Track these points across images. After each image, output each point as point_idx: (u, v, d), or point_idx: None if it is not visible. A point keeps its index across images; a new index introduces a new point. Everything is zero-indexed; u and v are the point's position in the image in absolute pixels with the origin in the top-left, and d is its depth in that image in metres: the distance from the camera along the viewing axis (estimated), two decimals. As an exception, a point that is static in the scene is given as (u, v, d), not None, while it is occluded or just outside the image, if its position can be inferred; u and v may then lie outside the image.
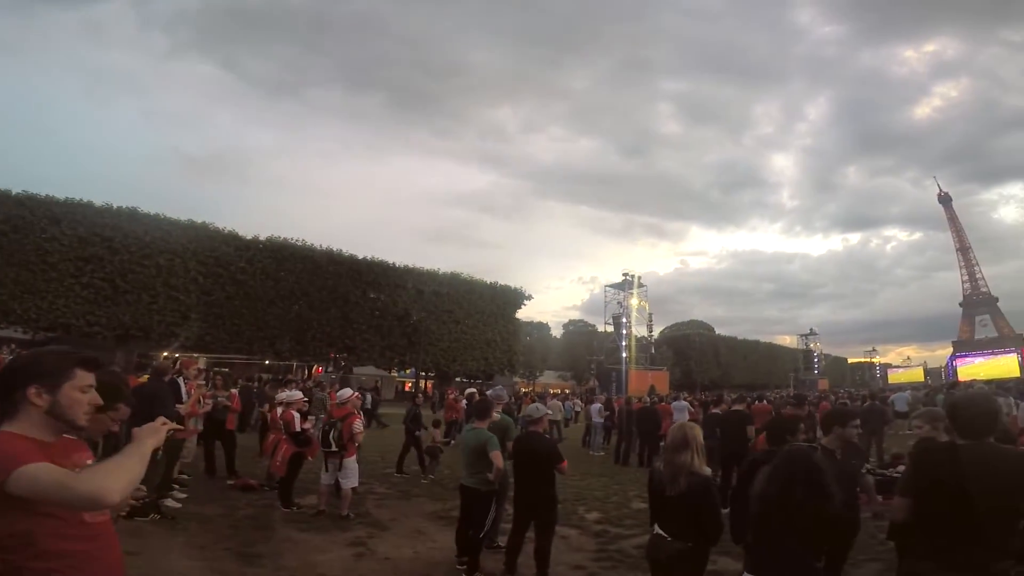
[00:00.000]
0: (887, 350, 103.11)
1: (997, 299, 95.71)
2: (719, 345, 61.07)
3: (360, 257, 32.76)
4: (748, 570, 2.52)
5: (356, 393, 7.80)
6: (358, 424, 6.76)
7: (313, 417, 8.13)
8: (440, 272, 36.52)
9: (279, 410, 7.54)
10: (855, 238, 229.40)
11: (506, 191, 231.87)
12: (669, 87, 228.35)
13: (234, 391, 10.06)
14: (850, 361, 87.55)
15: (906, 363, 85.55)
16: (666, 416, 14.60)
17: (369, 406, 21.20)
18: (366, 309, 32.02)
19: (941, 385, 26.09)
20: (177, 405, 6.30)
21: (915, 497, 2.46)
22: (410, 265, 35.13)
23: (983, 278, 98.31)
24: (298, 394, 7.78)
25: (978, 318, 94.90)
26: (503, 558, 4.70)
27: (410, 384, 45.43)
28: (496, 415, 5.63)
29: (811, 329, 66.00)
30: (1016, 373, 59.54)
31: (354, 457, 6.69)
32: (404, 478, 9.32)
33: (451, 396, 12.19)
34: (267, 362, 30.67)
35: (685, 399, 18.15)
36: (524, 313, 44.04)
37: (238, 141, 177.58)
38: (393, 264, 34.22)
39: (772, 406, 12.94)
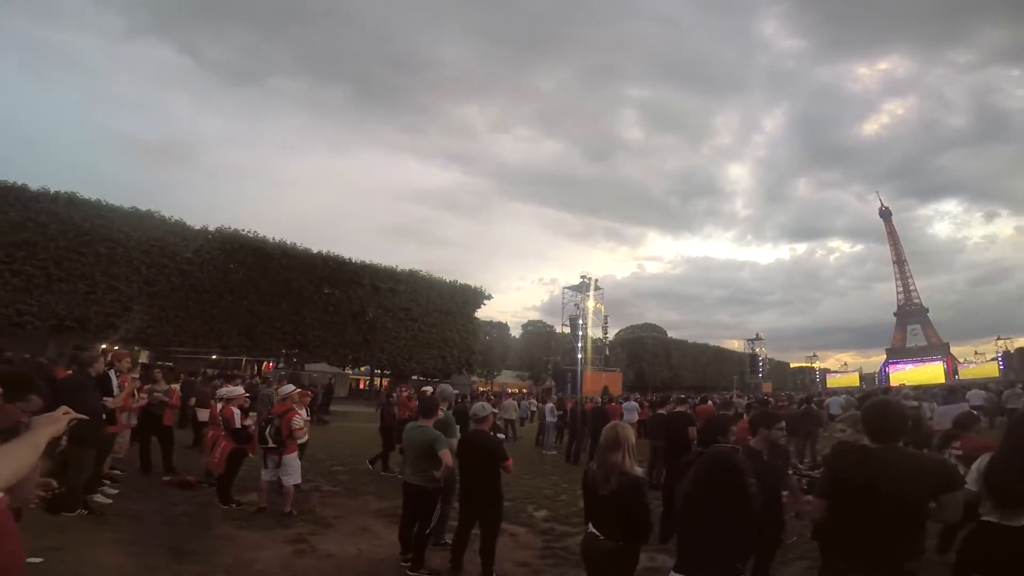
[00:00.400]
0: (827, 355, 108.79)
1: (928, 310, 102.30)
2: (671, 348, 62.76)
3: (315, 251, 31.97)
4: (676, 569, 2.58)
5: (297, 389, 7.65)
6: (297, 420, 6.63)
7: (255, 413, 7.91)
8: (398, 269, 36.01)
9: (218, 406, 7.32)
10: (802, 248, 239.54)
11: (470, 190, 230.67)
12: (634, 94, 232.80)
13: (174, 386, 9.68)
14: (792, 365, 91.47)
15: (843, 368, 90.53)
16: (616, 416, 15.01)
17: (321, 401, 21.05)
18: (320, 305, 31.24)
19: (874, 390, 27.68)
20: (106, 399, 6.02)
21: (830, 498, 2.57)
22: (367, 261, 34.50)
23: (916, 290, 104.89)
24: (238, 389, 7.57)
25: (910, 327, 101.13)
26: (449, 555, 4.73)
27: (364, 382, 44.78)
28: (440, 413, 5.65)
29: (757, 334, 68.77)
30: (941, 379, 63.95)
31: (295, 454, 6.57)
32: (351, 476, 9.21)
33: (404, 394, 12.09)
34: (214, 357, 29.51)
35: (635, 400, 18.69)
36: (484, 312, 44.02)
37: (193, 128, 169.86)
38: (349, 259, 33.47)
39: (715, 407, 13.35)
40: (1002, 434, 3.21)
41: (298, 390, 7.60)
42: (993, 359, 69.92)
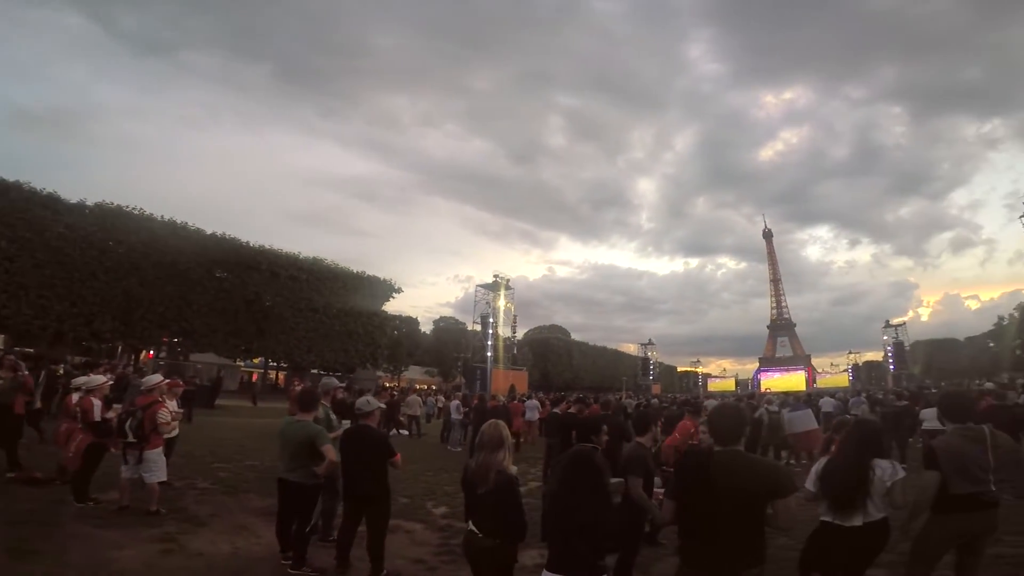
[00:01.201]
0: (709, 362, 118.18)
1: (795, 324, 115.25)
2: (573, 349, 65.22)
3: (208, 232, 29.57)
4: (547, 567, 2.64)
5: (166, 380, 7.13)
6: (164, 414, 6.15)
7: (118, 405, 7.19)
8: (301, 256, 34.21)
9: (75, 396, 6.60)
10: (694, 263, 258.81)
11: (390, 182, 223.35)
12: (564, 101, 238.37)
13: (26, 373, 8.56)
14: (679, 370, 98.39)
15: (722, 374, 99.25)
16: (517, 414, 15.33)
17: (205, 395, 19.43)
18: (210, 289, 28.87)
19: (746, 394, 30.60)
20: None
21: (678, 500, 2.63)
22: (267, 245, 32.46)
23: (787, 306, 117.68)
24: (100, 379, 6.87)
25: (779, 339, 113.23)
26: (335, 552, 4.61)
27: (257, 375, 42.05)
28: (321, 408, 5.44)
29: (650, 340, 73.88)
30: (803, 387, 71.98)
31: (159, 449, 6.09)
32: (233, 473, 8.69)
33: (296, 388, 11.54)
34: (84, 343, 26.26)
35: (538, 399, 19.22)
36: (394, 306, 43.09)
37: (87, 98, 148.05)
38: (247, 243, 31.26)
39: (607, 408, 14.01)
40: (841, 439, 3.51)
41: (166, 381, 7.05)
42: (845, 370, 79.98)
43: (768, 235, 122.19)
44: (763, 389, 59.63)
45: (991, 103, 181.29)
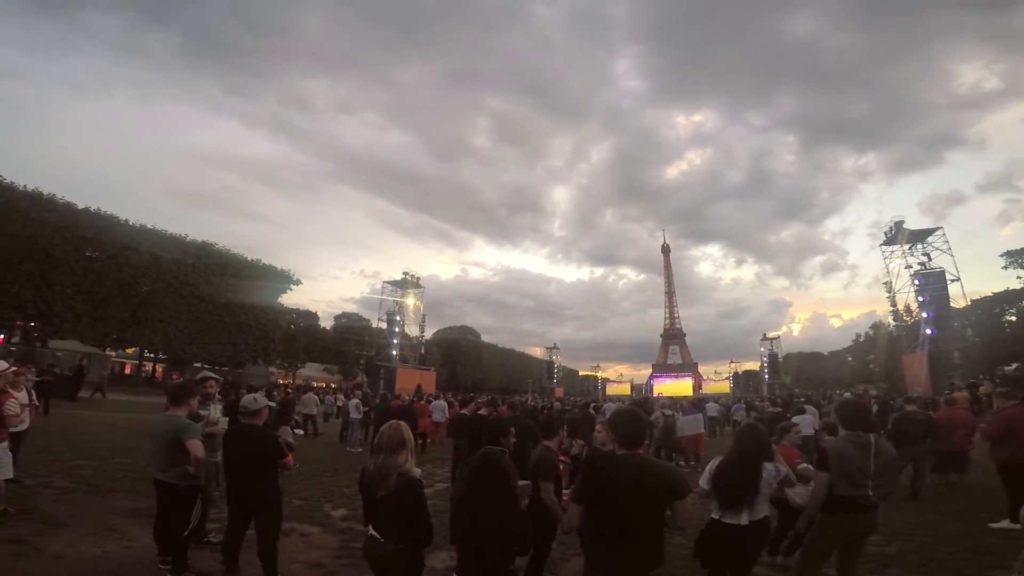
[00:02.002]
0: (607, 367, 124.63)
1: (685, 334, 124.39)
2: (482, 351, 65.57)
3: (81, 207, 26.15)
4: (456, 572, 2.58)
5: (12, 368, 6.32)
6: (12, 404, 5.45)
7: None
8: (188, 239, 31.25)
9: None
10: (599, 272, 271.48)
11: (297, 167, 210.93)
12: (491, 103, 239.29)
13: None
14: (581, 373, 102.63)
15: (619, 379, 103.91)
16: (423, 415, 15.05)
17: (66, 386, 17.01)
18: (77, 270, 25.36)
19: (640, 399, 32.41)
20: None
21: (584, 503, 2.61)
22: (149, 225, 29.33)
23: (679, 317, 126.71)
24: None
25: (671, 347, 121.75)
26: (221, 557, 4.28)
27: (130, 366, 37.86)
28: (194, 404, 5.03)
29: (555, 344, 76.01)
30: (690, 392, 77.49)
31: (4, 444, 5.34)
32: (97, 472, 7.79)
33: (174, 380, 10.53)
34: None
35: (446, 399, 19.01)
36: (292, 299, 40.80)
37: None
38: (125, 220, 28.01)
39: (515, 410, 14.16)
40: (733, 441, 3.66)
41: (12, 368, 6.26)
42: (726, 378, 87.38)
43: (666, 250, 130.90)
44: (656, 393, 63.51)
45: (870, 137, 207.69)
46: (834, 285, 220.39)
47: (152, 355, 33.44)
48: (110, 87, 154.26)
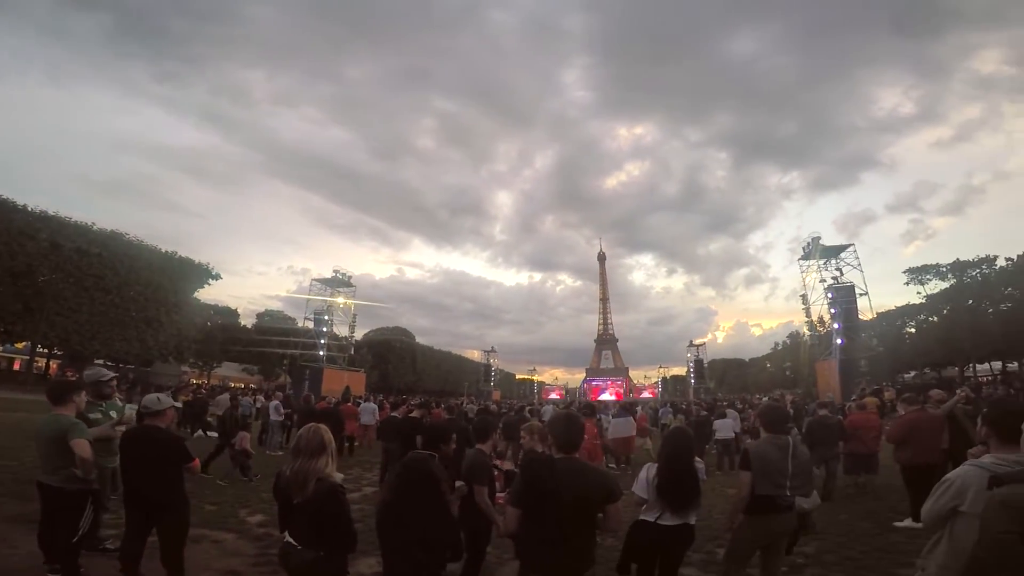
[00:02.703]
0: (544, 370, 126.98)
1: (618, 340, 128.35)
2: (417, 353, 64.46)
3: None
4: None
5: None
6: None
7: None
8: (95, 228, 28.64)
9: None
10: (538, 277, 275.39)
11: (226, 158, 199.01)
12: (439, 104, 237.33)
13: None
14: (517, 377, 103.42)
15: (555, 382, 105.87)
16: (350, 417, 14.41)
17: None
18: (-40, 256, 22.65)
19: (572, 401, 32.92)
20: None
21: (522, 507, 2.60)
22: (52, 212, 26.63)
23: (612, 323, 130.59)
24: None
25: (604, 352, 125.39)
26: (119, 564, 4.01)
27: (20, 362, 34.06)
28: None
29: (492, 347, 75.97)
30: (621, 396, 79.96)
31: None
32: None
33: (67, 375, 9.41)
34: None
35: (375, 401, 18.34)
36: (211, 294, 38.31)
37: None
38: (23, 206, 25.35)
39: (451, 412, 13.82)
40: (662, 446, 3.76)
41: None
42: (655, 383, 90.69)
43: (602, 258, 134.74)
44: (592, 397, 64.99)
45: (795, 157, 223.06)
46: (756, 296, 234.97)
47: (47, 350, 30.22)
48: (25, 67, 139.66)
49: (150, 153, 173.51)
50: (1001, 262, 39.31)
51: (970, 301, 40.15)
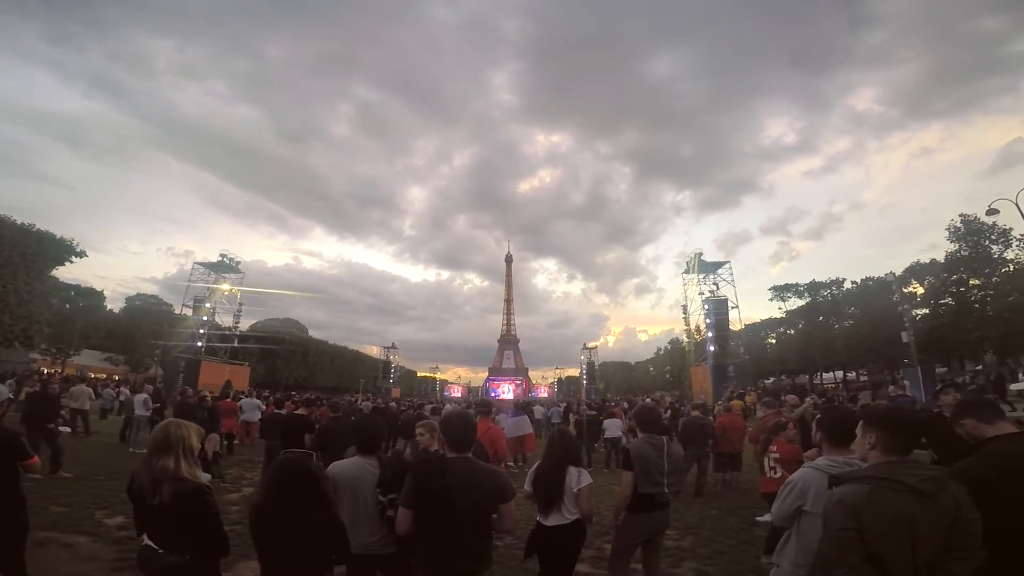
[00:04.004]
0: (447, 368, 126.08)
1: (519, 340, 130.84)
2: (309, 347, 61.12)
3: None
4: None
5: None
6: None
7: None
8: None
9: None
10: (446, 275, 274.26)
11: (113, 129, 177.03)
12: (361, 92, 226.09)
13: None
14: (419, 374, 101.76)
15: (457, 381, 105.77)
16: (229, 414, 13.42)
17: None
18: None
19: (473, 400, 33.10)
20: None
21: (415, 507, 2.57)
22: None
23: (515, 324, 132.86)
24: None
25: (506, 352, 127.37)
26: None
27: None
28: None
29: (393, 343, 74.07)
30: (522, 396, 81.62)
31: None
32: None
33: None
34: None
35: (259, 397, 17.19)
36: (72, 272, 33.75)
37: None
38: None
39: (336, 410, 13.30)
40: (546, 447, 3.82)
41: None
42: (552, 383, 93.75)
43: (509, 260, 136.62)
44: (502, 397, 65.73)
45: (689, 177, 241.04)
46: (644, 304, 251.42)
47: None
48: None
49: (23, 117, 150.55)
50: (848, 284, 45.88)
51: (820, 317, 46.23)
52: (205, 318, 35.61)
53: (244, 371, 39.24)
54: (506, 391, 78.55)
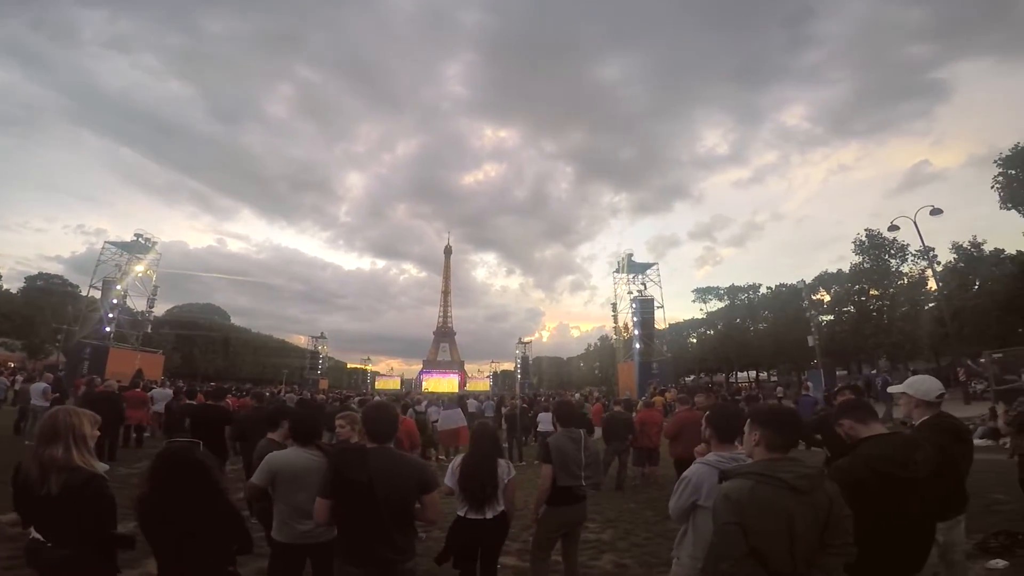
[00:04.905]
0: (379, 360, 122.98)
1: (455, 333, 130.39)
2: (230, 335, 58.13)
3: None
4: None
5: None
6: None
7: None
8: None
9: None
10: (381, 264, 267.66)
11: (21, 99, 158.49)
12: (304, 73, 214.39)
13: None
14: (349, 366, 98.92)
15: (390, 373, 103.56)
16: (138, 405, 12.58)
17: None
18: None
19: (408, 392, 32.73)
20: None
21: (332, 497, 2.54)
22: None
23: (451, 316, 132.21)
24: None
25: (442, 345, 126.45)
26: None
27: None
28: None
29: (322, 333, 71.20)
30: (456, 389, 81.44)
31: None
32: None
33: None
34: None
35: (173, 387, 16.22)
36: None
37: None
38: None
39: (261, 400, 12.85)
40: (472, 440, 3.83)
41: None
42: (488, 376, 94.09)
43: (448, 251, 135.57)
44: (424, 389, 64.93)
45: (627, 180, 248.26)
46: (578, 301, 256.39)
47: None
48: None
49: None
50: (764, 290, 49.21)
51: (738, 320, 49.37)
52: (115, 301, 32.90)
53: (157, 359, 36.68)
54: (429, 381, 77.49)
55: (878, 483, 2.24)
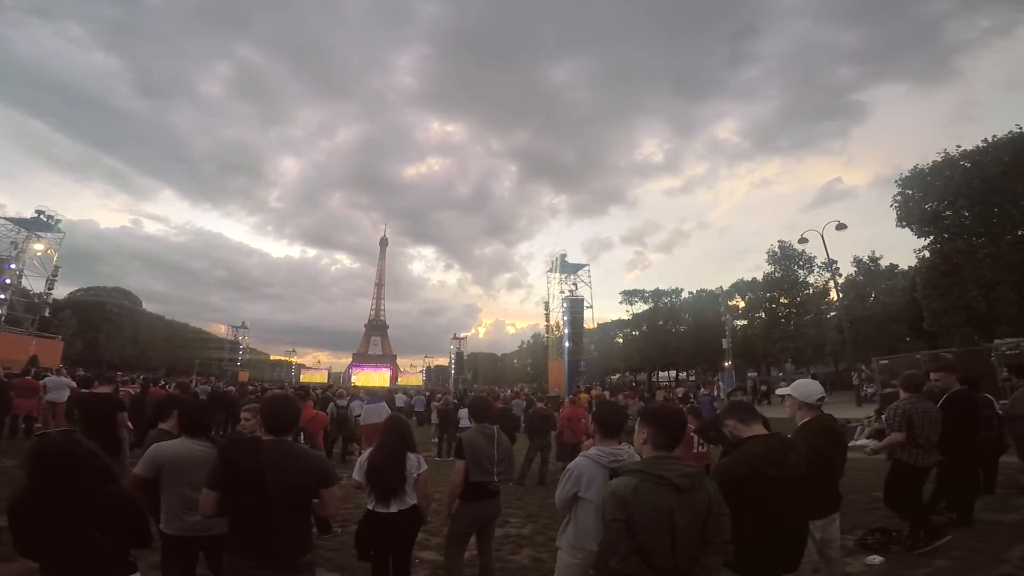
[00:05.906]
0: (305, 352, 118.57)
1: (388, 327, 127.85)
2: (141, 321, 54.02)
3: None
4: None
5: None
6: None
7: None
8: None
9: None
10: (312, 253, 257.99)
11: None
12: (243, 52, 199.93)
13: None
14: (272, 358, 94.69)
15: (316, 366, 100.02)
16: (28, 393, 11.59)
17: None
18: None
19: (330, 385, 31.77)
20: None
21: (220, 489, 2.48)
22: None
23: (384, 309, 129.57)
24: None
25: (373, 338, 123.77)
26: None
27: None
28: None
29: (244, 322, 67.45)
30: (387, 383, 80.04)
31: None
32: None
33: None
34: None
35: (71, 375, 14.92)
36: None
37: None
38: None
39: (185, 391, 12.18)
40: (381, 434, 3.71)
41: None
42: (421, 371, 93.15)
43: (384, 243, 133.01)
44: (354, 383, 63.17)
45: (567, 182, 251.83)
46: (514, 299, 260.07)
47: None
48: None
49: None
50: (685, 294, 52.04)
51: (661, 322, 51.91)
52: (8, 281, 29.79)
53: (56, 346, 33.57)
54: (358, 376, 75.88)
55: (757, 482, 2.34)
